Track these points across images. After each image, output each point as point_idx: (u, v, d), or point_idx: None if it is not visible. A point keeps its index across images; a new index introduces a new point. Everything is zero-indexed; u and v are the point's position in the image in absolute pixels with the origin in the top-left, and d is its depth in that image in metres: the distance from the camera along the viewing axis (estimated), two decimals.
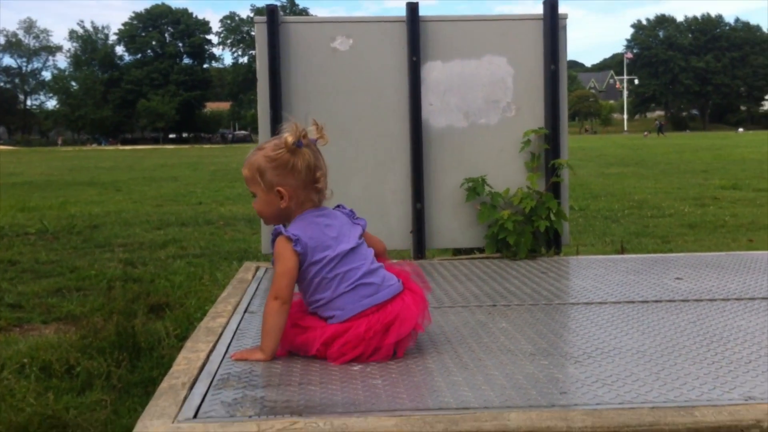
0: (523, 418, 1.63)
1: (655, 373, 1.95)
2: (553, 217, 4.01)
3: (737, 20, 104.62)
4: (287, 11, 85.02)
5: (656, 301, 2.85)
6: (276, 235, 2.13)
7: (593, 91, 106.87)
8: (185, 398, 1.82)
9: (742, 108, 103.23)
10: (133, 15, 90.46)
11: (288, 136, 2.15)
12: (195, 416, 1.71)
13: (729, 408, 1.68)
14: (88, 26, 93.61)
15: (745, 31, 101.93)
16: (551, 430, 1.60)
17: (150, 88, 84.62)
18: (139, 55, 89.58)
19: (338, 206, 2.30)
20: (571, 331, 2.46)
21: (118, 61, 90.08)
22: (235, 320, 2.64)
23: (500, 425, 1.61)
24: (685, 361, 2.05)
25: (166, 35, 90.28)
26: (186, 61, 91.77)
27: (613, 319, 2.57)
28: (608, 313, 2.67)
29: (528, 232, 3.96)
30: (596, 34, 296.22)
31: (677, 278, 3.30)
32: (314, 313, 2.17)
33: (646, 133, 64.60)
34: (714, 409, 1.67)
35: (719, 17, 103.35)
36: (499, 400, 1.77)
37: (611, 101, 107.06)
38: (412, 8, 4.08)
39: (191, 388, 1.91)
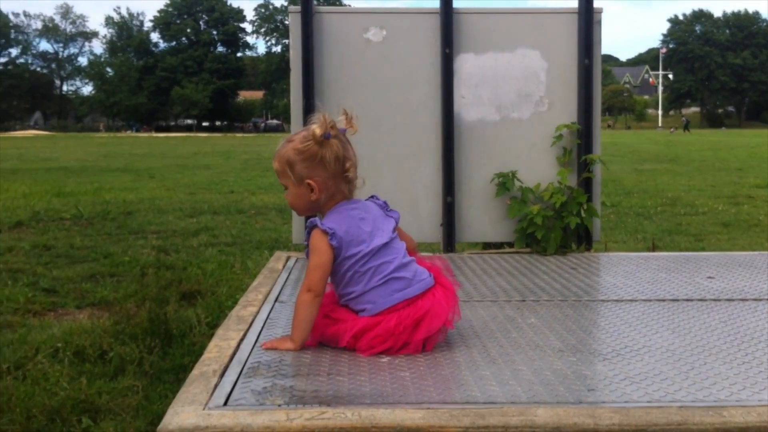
0: (550, 414, 1.63)
1: (684, 372, 1.94)
2: (583, 213, 3.99)
3: None
4: (321, 1, 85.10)
5: (687, 300, 2.83)
6: (311, 227, 2.15)
7: (627, 85, 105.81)
8: (216, 386, 1.85)
9: None
10: (168, 2, 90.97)
11: (316, 128, 2.16)
12: (225, 404, 1.74)
13: (758, 409, 1.67)
14: (124, 13, 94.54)
15: None
16: (578, 426, 1.60)
17: (184, 75, 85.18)
18: (174, 43, 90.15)
19: (372, 197, 2.31)
20: (600, 328, 2.46)
21: (153, 48, 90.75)
22: (266, 309, 2.67)
23: (527, 420, 1.61)
24: (714, 361, 2.04)
25: (201, 23, 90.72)
26: (220, 49, 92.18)
27: (643, 317, 2.56)
28: (638, 310, 2.66)
29: (558, 227, 3.95)
30: (632, 28, 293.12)
31: (709, 277, 3.28)
32: (345, 305, 2.19)
33: (672, 129, 63.98)
34: (743, 409, 1.66)
35: (756, 13, 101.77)
36: (526, 395, 1.77)
37: (646, 96, 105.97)
38: (446, 0, 4.08)
39: (222, 375, 1.93)
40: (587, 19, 4.08)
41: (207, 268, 4.98)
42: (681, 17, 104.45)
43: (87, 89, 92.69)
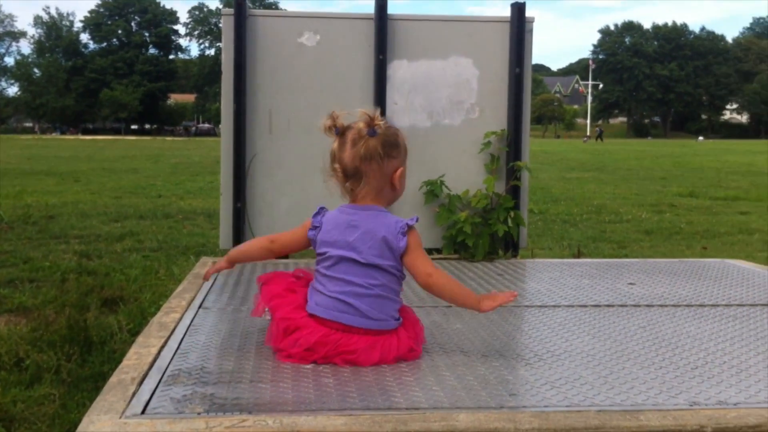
0: (472, 419, 1.64)
1: (603, 377, 1.97)
2: (510, 220, 4.04)
3: (702, 29, 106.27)
4: (256, 4, 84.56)
5: (608, 306, 2.88)
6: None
7: (558, 95, 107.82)
8: (134, 394, 1.81)
9: (704, 117, 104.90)
10: (99, 3, 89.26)
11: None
12: (143, 412, 1.70)
13: (674, 413, 1.70)
14: (54, 12, 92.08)
15: (709, 41, 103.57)
16: (499, 431, 1.61)
17: (114, 77, 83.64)
18: (104, 44, 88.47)
19: (412, 218, 2.20)
20: (523, 333, 2.49)
21: (83, 49, 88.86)
22: (189, 316, 2.62)
23: (449, 426, 1.62)
24: (633, 366, 2.08)
25: (133, 24, 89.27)
26: (152, 51, 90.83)
27: (566, 323, 2.60)
28: (561, 316, 2.70)
29: (486, 234, 3.99)
30: (563, 38, 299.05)
31: (630, 283, 3.35)
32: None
33: (585, 138, 65.34)
34: (659, 413, 1.70)
35: (684, 26, 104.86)
36: (449, 400, 1.78)
37: (575, 106, 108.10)
38: (381, 6, 4.08)
39: (140, 383, 1.89)
40: (519, 29, 4.13)
41: (130, 273, 4.88)
42: (612, 28, 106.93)
43: (12, 90, 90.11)
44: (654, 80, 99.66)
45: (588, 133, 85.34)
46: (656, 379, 1.97)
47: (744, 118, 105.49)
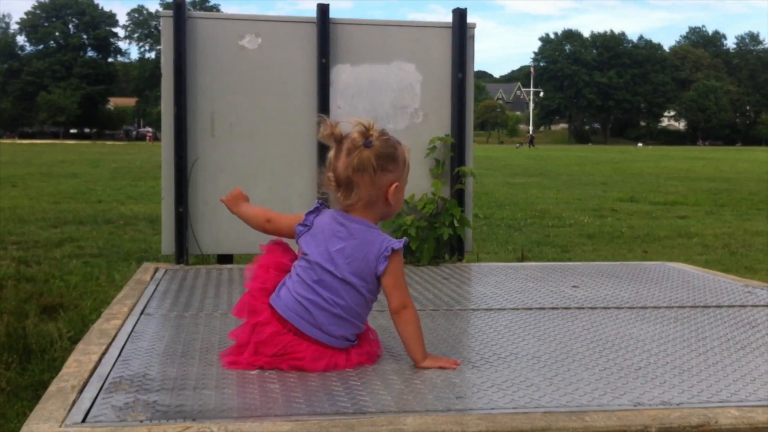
0: (419, 423, 1.64)
1: (548, 379, 1.99)
2: (456, 224, 4.06)
3: (641, 38, 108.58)
4: (197, 7, 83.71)
5: (553, 308, 2.91)
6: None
7: (500, 101, 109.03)
8: (74, 402, 1.76)
9: (642, 123, 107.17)
10: (36, 4, 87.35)
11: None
12: (84, 420, 1.65)
13: (618, 413, 1.72)
14: None
15: (647, 49, 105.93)
16: None
17: (52, 80, 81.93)
18: (41, 46, 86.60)
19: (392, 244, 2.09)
20: (470, 336, 2.49)
21: (19, 52, 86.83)
22: (131, 322, 2.57)
23: (396, 429, 1.61)
24: (578, 367, 2.10)
25: (71, 26, 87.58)
26: (90, 54, 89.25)
27: (511, 325, 2.61)
28: (506, 319, 2.71)
29: (431, 238, 4.00)
30: (505, 45, 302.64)
31: (574, 286, 3.39)
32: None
33: (518, 145, 66.18)
34: (604, 414, 1.71)
35: (622, 35, 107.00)
36: (396, 404, 1.77)
37: (518, 112, 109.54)
38: (323, 9, 4.07)
39: (81, 391, 1.84)
40: (461, 34, 4.16)
41: (70, 280, 4.77)
42: (552, 36, 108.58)
43: None
44: (594, 87, 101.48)
45: (520, 140, 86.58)
46: (601, 380, 1.99)
47: (681, 125, 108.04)
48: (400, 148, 2.12)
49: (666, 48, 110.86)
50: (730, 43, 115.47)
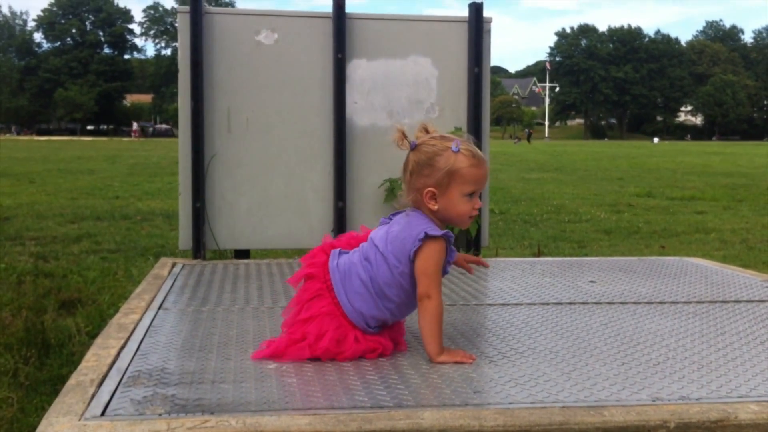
0: (437, 417, 1.63)
1: (566, 374, 1.98)
2: None
3: (657, 32, 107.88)
4: (213, 3, 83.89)
5: (570, 303, 2.90)
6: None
7: (516, 97, 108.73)
8: (93, 395, 1.77)
9: (659, 118, 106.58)
10: (53, 1, 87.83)
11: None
12: (103, 414, 1.66)
13: (637, 408, 1.71)
14: (6, 11, 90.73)
15: (664, 44, 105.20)
16: (464, 428, 1.61)
17: (68, 77, 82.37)
18: (58, 43, 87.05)
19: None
20: (487, 330, 2.49)
21: (36, 49, 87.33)
22: (149, 317, 2.58)
23: (414, 424, 1.61)
24: (596, 362, 2.09)
25: (87, 23, 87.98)
26: (107, 50, 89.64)
27: (528, 320, 2.60)
28: (523, 314, 2.71)
29: None
30: (521, 41, 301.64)
31: (591, 281, 3.37)
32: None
33: (516, 140, 65.62)
34: (622, 409, 1.71)
35: (639, 29, 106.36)
36: (413, 399, 1.77)
37: (533, 108, 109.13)
38: (339, 4, 4.07)
39: (100, 385, 1.85)
40: (477, 28, 4.15)
41: (88, 275, 4.80)
42: (568, 30, 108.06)
43: None
44: (610, 82, 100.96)
45: (547, 134, 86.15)
46: (619, 375, 1.98)
47: (698, 120, 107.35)
48: (444, 155, 2.09)
49: (683, 42, 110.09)
50: (748, 37, 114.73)
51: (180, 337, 2.32)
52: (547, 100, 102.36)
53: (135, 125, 76.33)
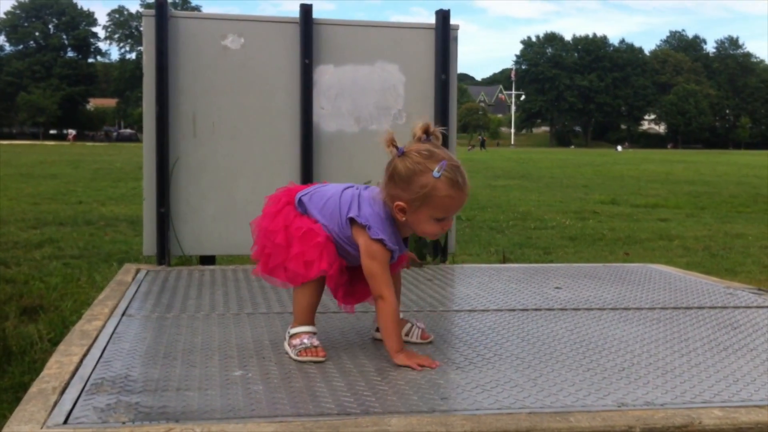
0: (404, 424, 1.63)
1: (533, 380, 1.98)
2: None
3: (622, 41, 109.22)
4: (179, 7, 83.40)
5: (536, 310, 2.91)
6: None
7: (483, 104, 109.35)
8: (55, 403, 1.74)
9: (623, 126, 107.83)
10: (15, 4, 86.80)
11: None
12: (65, 422, 1.63)
13: (602, 414, 1.72)
14: None
15: (628, 53, 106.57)
16: None
17: (31, 80, 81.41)
18: (21, 46, 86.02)
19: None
20: (454, 337, 2.48)
21: None
22: (112, 323, 2.55)
23: (381, 430, 1.60)
24: (562, 368, 2.10)
25: (50, 26, 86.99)
26: (70, 54, 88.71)
27: (495, 326, 2.61)
28: (490, 320, 2.71)
29: (414, 239, 3.99)
30: (487, 48, 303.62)
31: (557, 287, 3.39)
32: None
33: (469, 147, 65.84)
34: (588, 414, 1.71)
35: (604, 38, 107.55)
36: (380, 405, 1.76)
37: (500, 115, 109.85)
38: (306, 10, 4.06)
39: (62, 393, 1.82)
40: (444, 36, 4.16)
41: (51, 281, 4.72)
42: (533, 39, 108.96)
43: None
44: (575, 90, 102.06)
45: (513, 142, 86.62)
46: (585, 381, 1.99)
47: (662, 129, 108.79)
48: (424, 177, 2.06)
49: (647, 52, 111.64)
50: (710, 47, 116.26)
51: (144, 344, 2.29)
52: (513, 108, 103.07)
53: (71, 132, 75.29)
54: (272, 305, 2.91)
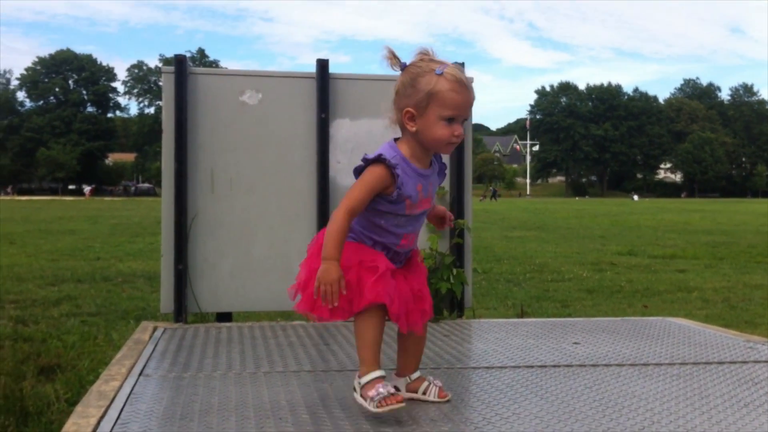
0: None
1: None
2: (452, 279, 4.04)
3: (636, 90, 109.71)
4: (197, 63, 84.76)
5: (554, 366, 2.89)
6: None
7: (497, 154, 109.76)
8: None
9: (639, 175, 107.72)
10: (36, 60, 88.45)
11: None
12: None
13: None
14: None
15: (642, 101, 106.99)
16: None
17: (51, 136, 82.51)
18: (41, 102, 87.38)
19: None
20: (471, 395, 2.47)
21: (19, 107, 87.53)
22: (129, 384, 2.54)
23: None
24: (581, 427, 2.08)
25: (70, 82, 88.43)
26: (90, 109, 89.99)
27: (513, 384, 2.59)
28: (508, 377, 2.69)
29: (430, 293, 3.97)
30: (502, 98, 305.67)
31: (575, 343, 3.36)
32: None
33: (481, 198, 65.79)
34: None
35: (618, 87, 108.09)
36: None
37: (515, 165, 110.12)
38: (323, 65, 4.11)
39: None
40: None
41: (68, 340, 4.73)
42: (548, 89, 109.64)
43: None
44: (590, 140, 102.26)
45: (528, 192, 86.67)
46: None
47: (678, 177, 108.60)
48: (426, 77, 2.12)
49: (661, 100, 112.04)
50: (725, 94, 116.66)
51: (161, 405, 2.28)
52: (528, 158, 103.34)
53: (87, 188, 75.93)
54: (289, 363, 2.90)
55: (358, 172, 2.16)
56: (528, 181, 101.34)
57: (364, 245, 2.18)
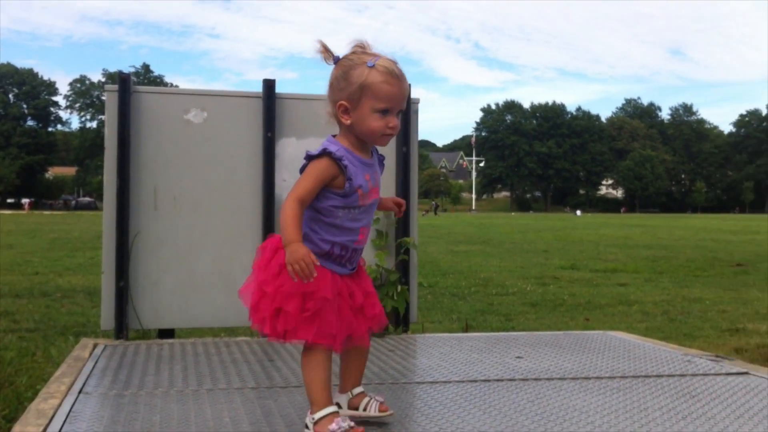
0: None
1: None
2: (396, 296, 4.06)
3: (579, 109, 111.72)
4: (141, 78, 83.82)
5: (498, 380, 2.92)
6: None
7: (444, 170, 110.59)
8: None
9: (581, 191, 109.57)
10: None
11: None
12: None
13: None
14: None
15: (585, 120, 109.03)
16: None
17: None
18: None
19: None
20: (416, 410, 2.48)
21: None
22: (69, 402, 2.50)
23: None
24: None
25: (10, 96, 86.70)
26: (30, 123, 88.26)
27: (457, 398, 2.61)
28: (452, 392, 2.71)
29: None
30: (448, 116, 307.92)
31: (518, 357, 3.41)
32: None
33: (424, 213, 66.29)
34: None
35: (562, 106, 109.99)
36: None
37: (461, 181, 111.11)
38: (269, 85, 4.11)
39: None
40: (406, 111, 4.23)
41: (5, 356, 4.62)
42: (493, 107, 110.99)
43: None
44: (534, 156, 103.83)
45: (474, 207, 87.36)
46: None
47: (619, 193, 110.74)
48: (358, 70, 2.11)
49: (603, 119, 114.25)
50: (665, 114, 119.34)
51: (101, 424, 2.25)
52: (474, 174, 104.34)
53: (26, 201, 74.36)
54: (232, 380, 2.89)
55: (303, 170, 2.16)
56: (474, 196, 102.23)
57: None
